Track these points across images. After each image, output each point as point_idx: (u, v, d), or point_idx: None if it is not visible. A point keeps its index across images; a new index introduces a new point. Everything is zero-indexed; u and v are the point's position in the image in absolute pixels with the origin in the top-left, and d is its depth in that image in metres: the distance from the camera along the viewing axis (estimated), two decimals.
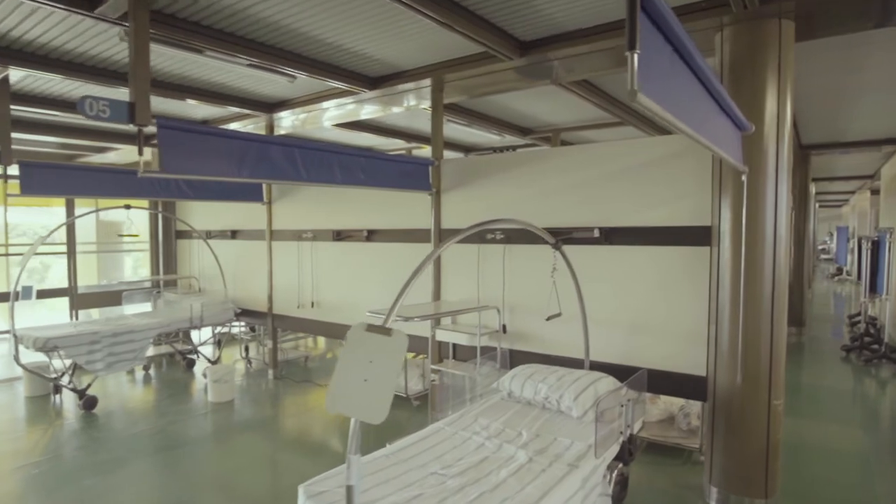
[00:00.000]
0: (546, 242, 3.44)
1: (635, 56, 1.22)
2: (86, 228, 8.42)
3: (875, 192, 13.73)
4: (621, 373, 3.57)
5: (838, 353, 7.67)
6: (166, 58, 4.27)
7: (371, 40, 3.93)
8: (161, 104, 5.79)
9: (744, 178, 3.07)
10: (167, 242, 8.02)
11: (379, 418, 1.96)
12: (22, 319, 5.64)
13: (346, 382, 2.04)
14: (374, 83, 4.75)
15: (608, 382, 3.28)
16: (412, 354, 5.92)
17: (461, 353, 4.60)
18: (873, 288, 8.30)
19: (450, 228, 4.65)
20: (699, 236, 3.46)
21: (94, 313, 7.64)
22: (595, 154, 3.94)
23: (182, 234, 7.88)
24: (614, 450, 2.86)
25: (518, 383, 3.42)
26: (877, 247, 8.26)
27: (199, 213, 7.58)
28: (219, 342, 7.96)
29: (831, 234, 25.83)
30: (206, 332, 7.46)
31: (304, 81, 4.85)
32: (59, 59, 4.24)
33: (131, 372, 6.91)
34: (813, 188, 13.35)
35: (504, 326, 4.31)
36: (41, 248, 6.80)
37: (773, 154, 3.15)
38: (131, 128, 2.89)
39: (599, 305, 3.84)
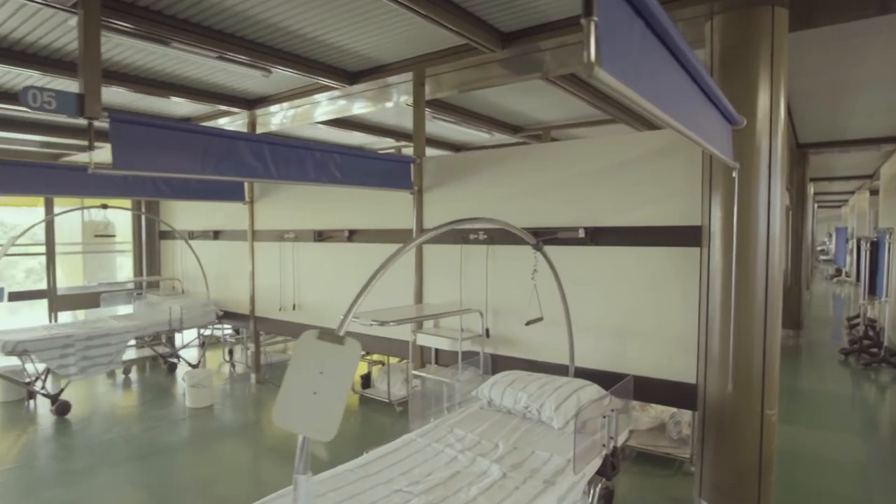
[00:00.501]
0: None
1: (592, 24, 1.05)
2: (74, 228, 8.24)
3: (874, 192, 13.56)
4: (608, 380, 3.40)
5: (837, 356, 7.49)
6: (136, 50, 4.09)
7: (346, 32, 3.76)
8: (139, 100, 5.61)
9: (734, 174, 2.89)
10: (151, 243, 7.85)
11: (328, 435, 1.78)
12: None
13: (293, 395, 1.86)
14: (354, 78, 4.57)
15: (592, 391, 3.10)
16: (396, 359, 5.74)
17: (444, 358, 4.42)
18: (872, 290, 8.13)
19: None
20: (689, 236, 3.29)
21: (81, 315, 7.47)
22: (581, 150, 3.77)
23: (166, 235, 7.70)
24: (596, 464, 2.68)
25: (498, 391, 3.24)
26: (876, 247, 8.09)
27: (183, 213, 7.41)
28: (203, 345, 7.80)
29: (830, 235, 25.67)
30: (191, 335, 7.30)
31: (282, 76, 4.67)
32: (23, 52, 4.07)
33: (112, 375, 6.73)
34: (811, 188, 13.19)
35: (487, 330, 4.13)
36: (18, 249, 6.63)
37: (765, 149, 2.98)
38: (82, 121, 2.70)
39: (585, 309, 3.66)
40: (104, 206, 5.83)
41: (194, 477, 3.98)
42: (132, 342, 6.91)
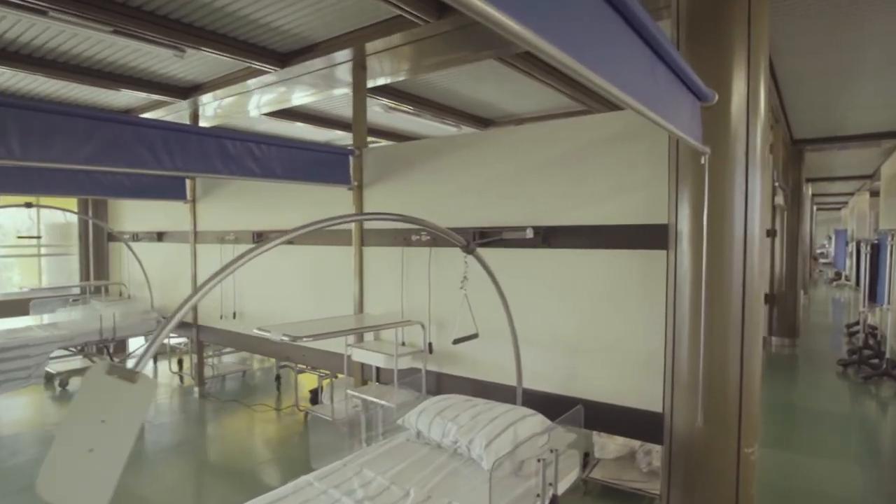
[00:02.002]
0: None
1: None
2: (31, 230, 7.71)
3: (874, 193, 13.03)
4: (561, 405, 2.88)
5: (835, 367, 6.94)
6: (26, 25, 3.58)
7: (264, 4, 3.25)
8: (68, 90, 5.12)
9: (703, 160, 2.38)
10: (98, 245, 7.32)
11: None
12: None
13: (65, 452, 1.34)
14: (285, 59, 4.05)
15: (534, 423, 2.57)
16: (341, 374, 5.22)
17: (385, 376, 3.89)
18: (873, 296, 7.59)
19: (374, 229, 3.95)
20: (654, 237, 2.76)
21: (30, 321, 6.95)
22: (532, 136, 3.24)
23: (114, 237, 7.18)
24: None
25: (426, 421, 2.71)
26: (876, 251, 7.56)
27: (131, 213, 6.89)
28: (153, 355, 7.27)
29: (830, 238, 25.14)
30: (138, 343, 6.80)
31: (213, 61, 4.19)
32: None
33: (51, 388, 6.21)
34: (809, 189, 12.69)
35: (430, 345, 3.60)
36: None
37: (742, 131, 2.45)
38: None
39: (536, 323, 3.13)
40: (28, 205, 5.31)
41: None
42: (72, 351, 6.42)
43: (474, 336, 2.94)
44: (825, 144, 8.06)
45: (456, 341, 2.88)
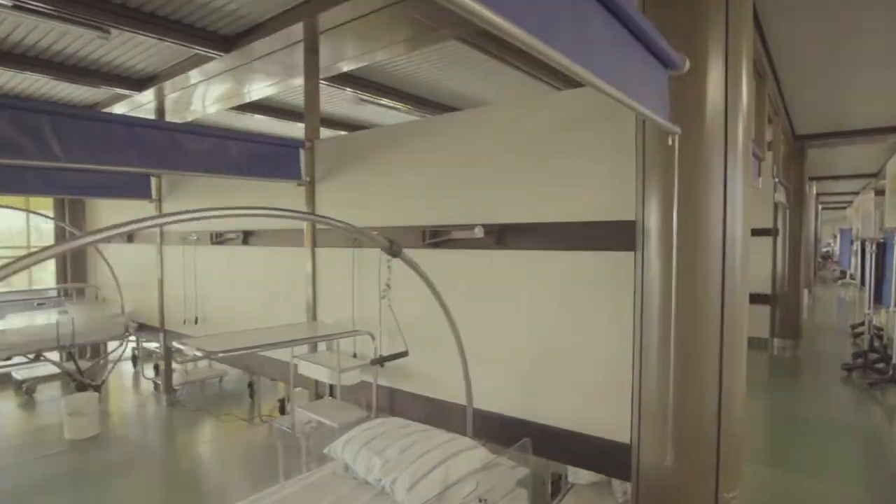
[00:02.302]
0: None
1: None
2: (18, 232, 7.48)
3: (879, 192, 12.59)
4: (520, 430, 2.51)
5: (839, 372, 6.50)
6: None
7: None
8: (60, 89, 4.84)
9: (672, 141, 1.99)
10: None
11: None
12: None
13: None
14: (230, 43, 3.69)
15: (472, 459, 2.17)
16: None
17: (343, 390, 3.52)
18: (878, 297, 7.16)
19: (326, 229, 3.59)
20: (620, 236, 2.38)
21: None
22: (482, 121, 2.85)
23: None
24: None
25: (352, 452, 2.33)
26: (882, 250, 7.13)
27: (107, 214, 6.60)
28: (134, 358, 7.06)
29: (835, 237, 24.74)
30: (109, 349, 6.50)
31: (154, 48, 3.88)
32: None
33: (19, 394, 5.91)
34: (814, 188, 12.25)
35: (381, 357, 3.22)
36: None
37: (720, 106, 2.04)
38: None
39: (490, 336, 2.75)
40: None
41: None
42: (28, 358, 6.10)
43: (403, 354, 2.56)
44: (828, 139, 7.62)
45: (374, 362, 2.49)
